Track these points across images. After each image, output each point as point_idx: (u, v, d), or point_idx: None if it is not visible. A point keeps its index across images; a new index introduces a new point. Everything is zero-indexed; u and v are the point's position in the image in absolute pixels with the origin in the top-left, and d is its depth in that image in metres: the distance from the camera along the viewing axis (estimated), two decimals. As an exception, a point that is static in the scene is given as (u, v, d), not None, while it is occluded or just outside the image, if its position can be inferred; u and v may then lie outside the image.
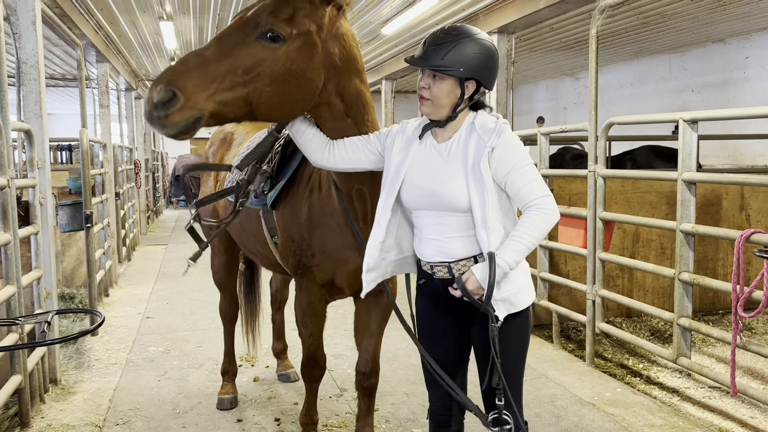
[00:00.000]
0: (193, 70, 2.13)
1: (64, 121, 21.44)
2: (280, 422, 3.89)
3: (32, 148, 4.24)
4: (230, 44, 2.22)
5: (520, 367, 2.41)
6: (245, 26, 2.26)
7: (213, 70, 2.15)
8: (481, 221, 2.19)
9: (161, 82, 2.07)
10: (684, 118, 4.02)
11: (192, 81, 2.11)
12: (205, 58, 2.16)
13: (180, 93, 2.07)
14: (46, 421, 3.92)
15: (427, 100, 2.24)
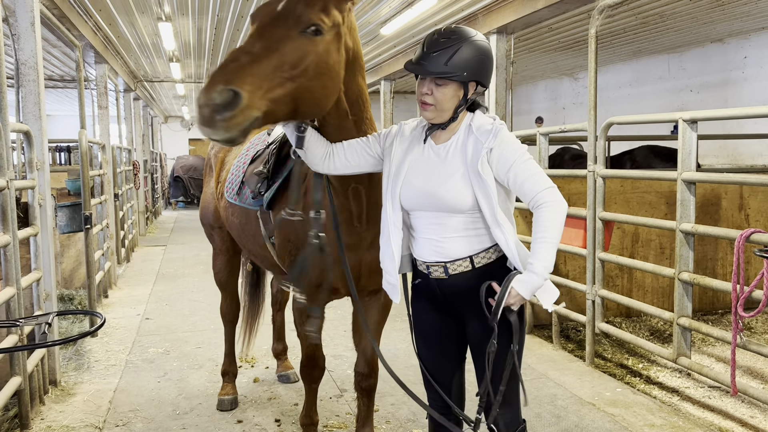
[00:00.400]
0: (247, 68, 2.04)
1: (63, 123, 21.44)
2: (281, 423, 3.89)
3: (31, 150, 4.23)
4: (275, 39, 2.14)
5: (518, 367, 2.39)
6: (285, 20, 2.19)
7: (265, 66, 2.08)
8: (492, 219, 2.22)
9: (219, 83, 1.96)
10: (683, 118, 4.02)
11: (249, 79, 2.02)
12: (255, 55, 2.08)
13: (242, 92, 1.98)
14: (45, 422, 3.91)
15: (430, 105, 2.23)
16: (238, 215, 3.56)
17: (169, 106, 21.59)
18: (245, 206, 3.42)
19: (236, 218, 3.60)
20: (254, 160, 3.45)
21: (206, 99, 1.95)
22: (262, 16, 2.24)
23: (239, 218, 3.56)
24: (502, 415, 2.35)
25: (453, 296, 2.33)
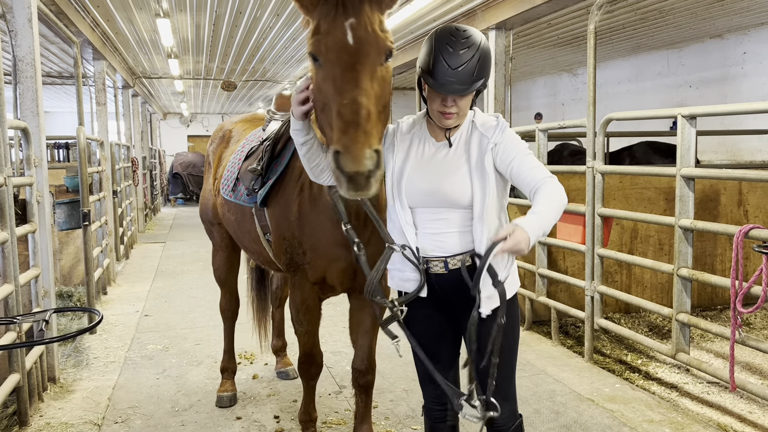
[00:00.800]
0: (371, 122, 2.03)
1: (61, 119, 21.40)
2: (280, 419, 3.89)
3: (29, 146, 4.22)
4: (370, 78, 2.09)
5: (513, 359, 2.42)
6: (368, 55, 2.10)
7: (377, 114, 2.09)
8: (479, 215, 2.24)
9: (366, 148, 1.98)
10: (682, 114, 4.02)
11: (378, 134, 2.08)
12: (369, 109, 2.04)
13: (380, 149, 2.04)
14: (44, 419, 3.91)
15: (454, 114, 2.24)
16: (234, 212, 3.56)
17: (168, 103, 21.55)
18: (240, 203, 3.42)
19: (232, 215, 3.60)
20: (249, 156, 3.45)
21: (361, 168, 1.97)
22: (338, 52, 2.10)
23: (235, 215, 3.56)
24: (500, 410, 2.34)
25: (451, 292, 2.33)
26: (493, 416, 2.27)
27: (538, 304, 5.64)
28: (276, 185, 3.12)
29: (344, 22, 2.10)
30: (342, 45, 2.09)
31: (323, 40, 2.13)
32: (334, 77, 2.09)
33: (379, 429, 3.69)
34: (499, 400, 2.34)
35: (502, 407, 2.35)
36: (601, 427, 3.71)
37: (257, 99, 19.86)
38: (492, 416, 2.27)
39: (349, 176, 1.98)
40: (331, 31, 2.11)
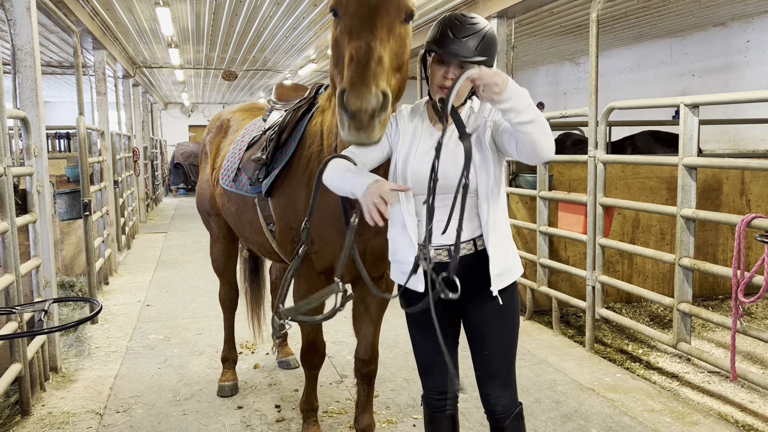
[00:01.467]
0: (382, 66, 2.04)
1: (61, 109, 21.36)
2: (281, 409, 3.90)
3: (29, 136, 4.21)
4: (387, 32, 2.11)
5: (514, 347, 2.42)
6: (387, 11, 2.13)
7: (390, 62, 2.09)
8: (485, 194, 2.25)
9: (372, 84, 1.97)
10: (685, 103, 3.99)
11: (387, 78, 2.06)
12: (381, 55, 2.05)
13: (388, 92, 2.01)
14: (46, 408, 3.93)
15: None
16: (235, 202, 3.54)
17: (169, 93, 21.50)
18: (242, 193, 3.40)
19: (232, 205, 3.58)
20: (251, 146, 3.43)
21: (365, 104, 1.94)
22: (357, 4, 2.14)
23: (236, 205, 3.54)
24: (501, 397, 2.36)
25: (476, 292, 2.32)
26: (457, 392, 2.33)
27: (539, 293, 5.63)
28: (281, 175, 3.10)
29: None
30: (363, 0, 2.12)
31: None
32: (351, 28, 2.12)
33: (379, 418, 3.69)
34: (500, 388, 2.36)
35: (503, 396, 2.36)
36: (602, 416, 3.71)
37: (258, 88, 19.80)
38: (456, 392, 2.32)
39: (352, 113, 1.95)
40: None
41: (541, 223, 5.47)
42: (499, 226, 2.27)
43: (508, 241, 2.32)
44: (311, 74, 14.94)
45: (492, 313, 2.33)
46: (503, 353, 2.36)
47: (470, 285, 2.30)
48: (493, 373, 2.36)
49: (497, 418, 2.39)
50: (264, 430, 3.62)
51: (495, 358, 2.35)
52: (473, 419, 3.68)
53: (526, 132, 2.05)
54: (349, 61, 2.05)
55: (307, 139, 3.04)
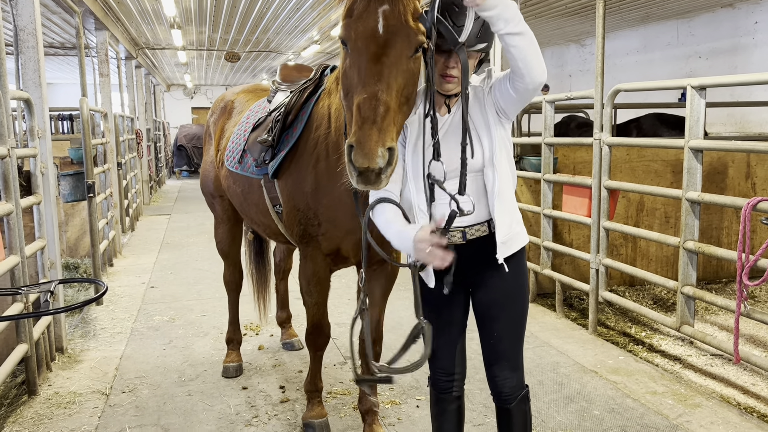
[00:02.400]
0: (388, 118, 2.03)
1: (64, 91, 21.31)
2: (285, 390, 3.93)
3: (32, 117, 4.20)
4: (395, 71, 2.07)
5: (521, 328, 2.40)
6: (394, 46, 2.07)
7: (396, 109, 2.07)
8: (489, 158, 2.24)
9: (378, 146, 1.98)
10: (692, 85, 3.96)
11: (394, 130, 2.06)
12: (388, 105, 2.03)
13: (394, 147, 2.04)
14: (53, 388, 3.96)
15: (455, 78, 2.20)
16: (240, 184, 3.53)
17: (171, 74, 21.41)
18: (248, 175, 3.40)
19: (238, 187, 3.58)
20: (256, 128, 3.41)
21: (372, 165, 1.98)
22: (366, 42, 2.08)
23: (241, 187, 3.53)
24: (508, 379, 2.36)
25: (466, 263, 2.31)
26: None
27: (543, 276, 5.64)
28: (288, 157, 3.09)
29: (378, 8, 2.07)
30: (371, 33, 2.07)
31: (353, 25, 2.10)
32: (359, 66, 2.09)
33: (383, 399, 3.72)
34: (507, 369, 2.37)
35: (510, 377, 2.37)
36: (605, 398, 3.73)
37: (261, 70, 19.69)
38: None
39: (359, 171, 2.01)
40: (362, 16, 2.09)
41: (545, 206, 5.46)
42: (504, 194, 2.26)
43: (512, 209, 2.31)
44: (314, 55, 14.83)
45: (502, 296, 2.33)
46: (512, 336, 2.36)
47: (481, 267, 2.30)
48: (501, 354, 2.36)
49: (503, 400, 2.40)
50: (268, 410, 3.65)
51: (503, 340, 2.35)
52: (476, 401, 3.70)
53: (516, 46, 2.05)
54: (356, 111, 2.04)
55: (314, 122, 3.03)
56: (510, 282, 2.33)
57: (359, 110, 2.03)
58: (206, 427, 3.46)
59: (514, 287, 2.34)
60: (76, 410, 3.68)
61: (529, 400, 2.45)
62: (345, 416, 3.55)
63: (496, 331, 2.35)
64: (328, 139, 2.88)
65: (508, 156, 2.32)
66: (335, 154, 2.83)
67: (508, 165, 2.30)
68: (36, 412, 3.64)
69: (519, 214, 2.37)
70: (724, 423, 3.42)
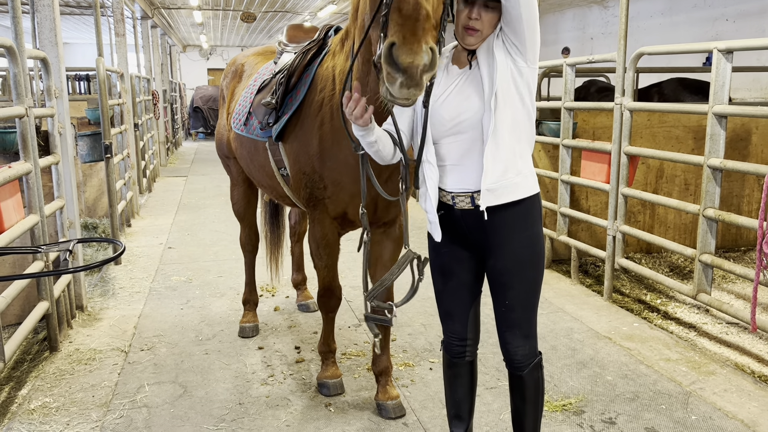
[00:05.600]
0: (430, 23, 1.98)
1: (81, 51, 21.28)
2: (300, 350, 3.98)
3: (49, 77, 4.20)
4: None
5: (534, 296, 2.35)
6: None
7: (433, 18, 2.01)
8: (489, 99, 2.14)
9: (423, 41, 1.92)
10: (719, 48, 3.84)
11: (435, 34, 2.00)
12: (428, 11, 1.97)
13: (435, 48, 1.98)
14: (74, 345, 4.05)
15: (477, 31, 2.15)
16: (246, 146, 3.54)
17: (187, 35, 21.27)
18: (253, 137, 3.39)
19: (244, 149, 3.58)
20: (261, 90, 3.39)
21: (417, 60, 1.90)
22: None
23: (247, 149, 3.53)
24: (520, 347, 2.36)
25: (477, 227, 2.30)
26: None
27: (559, 243, 5.61)
28: (292, 119, 3.07)
29: None
30: None
31: None
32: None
33: (397, 361, 3.76)
34: (520, 337, 2.35)
35: (522, 345, 2.36)
36: (618, 364, 3.74)
37: (277, 31, 19.49)
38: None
39: (404, 68, 1.91)
40: None
41: (563, 172, 5.40)
42: (500, 137, 2.16)
43: (511, 156, 2.19)
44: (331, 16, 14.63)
45: (513, 263, 2.29)
46: (524, 304, 2.33)
47: (494, 233, 2.27)
48: (513, 322, 2.34)
49: (516, 367, 2.40)
50: (284, 370, 3.71)
51: (516, 309, 2.32)
52: (489, 364, 3.73)
53: None
54: (396, 13, 1.96)
55: (318, 84, 2.99)
56: (522, 249, 2.28)
57: (399, 10, 1.95)
58: (223, 385, 3.52)
59: (526, 254, 2.29)
60: (97, 366, 3.76)
61: (542, 367, 2.45)
62: (359, 377, 3.60)
63: (507, 299, 2.32)
64: (333, 101, 2.85)
65: (522, 100, 2.20)
66: (340, 117, 2.80)
67: (520, 107, 2.20)
68: (57, 367, 3.73)
69: (525, 166, 2.25)
70: (737, 390, 3.42)
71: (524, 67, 2.18)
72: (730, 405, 3.26)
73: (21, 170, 3.57)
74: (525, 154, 2.25)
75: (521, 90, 2.19)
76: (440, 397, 3.35)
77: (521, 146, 2.22)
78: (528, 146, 2.27)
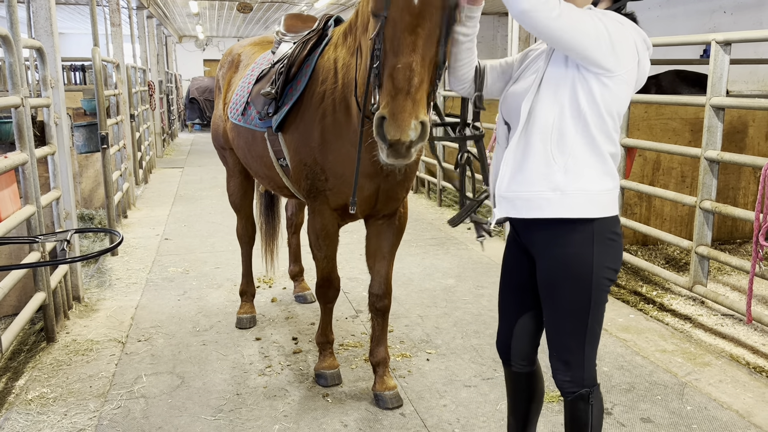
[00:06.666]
0: (422, 92, 2.00)
1: (76, 41, 21.18)
2: (298, 341, 3.99)
3: (44, 67, 4.17)
4: (430, 42, 2.02)
5: (579, 323, 2.03)
6: (433, 13, 2.00)
7: (429, 84, 2.04)
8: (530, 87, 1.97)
9: (413, 118, 1.96)
10: (717, 40, 3.85)
11: (425, 102, 2.02)
12: (422, 77, 2.00)
13: (427, 123, 2.02)
14: (71, 336, 4.05)
15: None
16: (244, 136, 3.52)
17: (183, 26, 21.16)
18: (251, 127, 3.37)
19: (242, 139, 3.56)
20: (259, 80, 3.37)
21: (404, 137, 1.96)
22: (400, 9, 2.01)
23: (245, 139, 3.52)
24: (558, 371, 2.13)
25: (522, 231, 2.12)
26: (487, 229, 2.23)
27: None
28: (293, 110, 3.06)
29: None
30: (406, 3, 2.01)
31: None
32: (393, 37, 2.04)
33: (394, 352, 3.77)
34: (557, 360, 2.11)
35: (561, 371, 2.10)
36: (614, 355, 3.75)
37: (273, 22, 19.40)
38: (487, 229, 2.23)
39: (390, 143, 1.99)
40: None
41: (560, 164, 5.40)
42: (531, 139, 1.93)
43: (544, 167, 1.92)
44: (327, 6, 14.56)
45: (545, 282, 2.04)
46: (558, 328, 2.07)
47: (530, 243, 2.09)
48: (551, 343, 2.12)
49: (561, 392, 2.16)
50: (281, 361, 3.71)
51: (549, 330, 2.10)
52: (486, 355, 3.74)
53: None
54: (389, 81, 2.01)
55: (320, 75, 2.98)
56: (553, 269, 2.00)
57: (392, 80, 2.00)
58: (221, 375, 3.53)
59: (557, 275, 2.00)
60: (94, 357, 3.76)
61: (591, 404, 2.10)
62: (356, 368, 3.61)
63: (545, 317, 2.12)
64: (335, 93, 2.84)
65: (579, 108, 1.89)
66: (342, 109, 2.80)
67: (572, 114, 1.90)
68: (55, 358, 3.73)
69: (573, 184, 1.92)
70: (732, 381, 3.44)
71: (589, 74, 1.88)
72: (725, 396, 3.29)
73: (17, 160, 3.55)
74: (574, 170, 1.92)
75: (579, 95, 1.90)
76: (437, 387, 3.37)
77: (567, 159, 1.92)
78: (583, 163, 1.93)
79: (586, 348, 2.06)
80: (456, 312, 4.42)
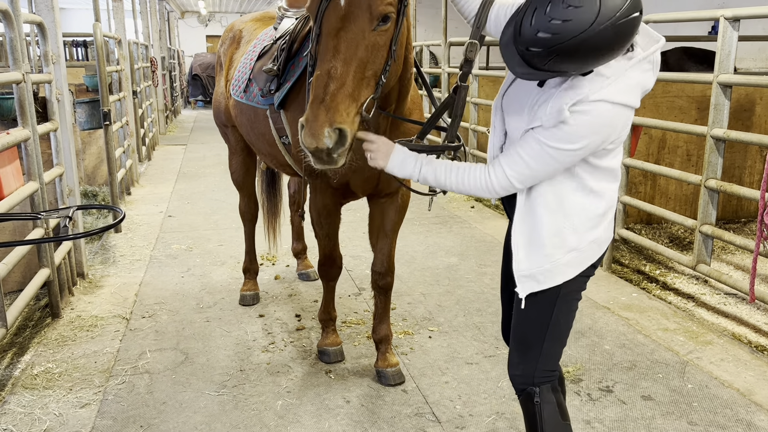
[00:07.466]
0: (340, 98, 1.98)
1: (78, 17, 20.99)
2: (301, 318, 4.00)
3: (46, 42, 4.14)
4: (352, 48, 2.01)
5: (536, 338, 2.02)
6: (355, 19, 2.00)
7: (352, 86, 2.01)
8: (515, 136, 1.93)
9: (326, 125, 1.95)
10: (726, 16, 3.79)
11: (346, 109, 2.00)
12: (341, 78, 1.98)
13: (346, 128, 1.99)
14: (75, 312, 4.07)
15: None
16: (246, 113, 3.50)
17: (186, 1, 20.95)
18: (253, 104, 3.35)
19: (244, 117, 3.54)
20: (261, 56, 3.34)
21: (319, 144, 1.96)
22: (327, 12, 2.03)
23: (247, 116, 3.50)
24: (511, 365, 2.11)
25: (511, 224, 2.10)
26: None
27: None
28: (295, 87, 3.03)
29: None
30: (333, 7, 2.02)
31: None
32: (319, 39, 2.07)
33: (396, 329, 3.79)
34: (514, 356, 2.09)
35: (514, 364, 2.08)
36: (616, 333, 3.76)
37: (277, -3, 19.20)
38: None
39: (310, 151, 2.01)
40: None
41: (564, 142, 5.36)
42: (534, 207, 1.91)
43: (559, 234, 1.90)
44: (331, -17, 14.38)
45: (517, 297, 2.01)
46: (516, 334, 2.06)
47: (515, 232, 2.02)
48: (512, 332, 2.11)
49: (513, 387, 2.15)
50: (284, 337, 3.74)
51: (513, 332, 2.09)
52: (488, 333, 3.76)
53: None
54: (311, 87, 2.03)
55: None
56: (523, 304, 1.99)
57: (312, 87, 2.02)
58: (224, 351, 3.55)
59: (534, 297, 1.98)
60: (98, 333, 3.79)
61: (535, 403, 2.04)
62: (359, 345, 3.63)
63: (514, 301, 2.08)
64: None
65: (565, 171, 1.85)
66: None
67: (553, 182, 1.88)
68: (60, 334, 3.76)
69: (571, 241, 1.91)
70: (734, 360, 3.45)
71: None
72: (726, 374, 3.30)
73: (19, 137, 3.54)
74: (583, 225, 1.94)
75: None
76: (439, 364, 3.39)
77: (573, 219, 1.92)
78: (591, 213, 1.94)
79: (545, 344, 2.01)
80: (458, 290, 4.43)
